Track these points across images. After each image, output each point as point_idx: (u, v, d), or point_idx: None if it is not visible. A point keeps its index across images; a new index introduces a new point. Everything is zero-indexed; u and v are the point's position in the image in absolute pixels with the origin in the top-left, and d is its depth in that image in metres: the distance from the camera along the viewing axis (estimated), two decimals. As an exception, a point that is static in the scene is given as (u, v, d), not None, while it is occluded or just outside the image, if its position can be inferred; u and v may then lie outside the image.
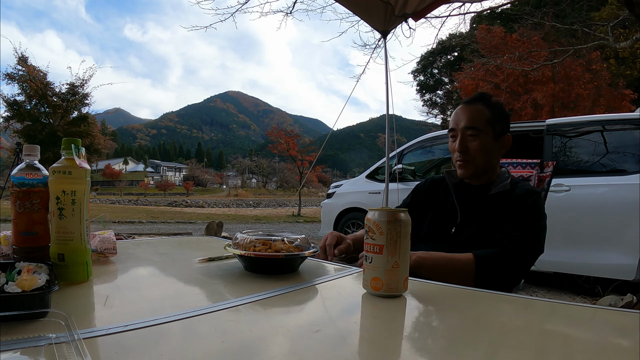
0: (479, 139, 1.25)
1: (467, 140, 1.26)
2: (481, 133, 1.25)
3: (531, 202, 1.20)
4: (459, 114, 1.30)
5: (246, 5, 7.29)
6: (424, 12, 3.20)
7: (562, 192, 3.71)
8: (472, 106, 1.28)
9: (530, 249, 1.14)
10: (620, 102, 11.55)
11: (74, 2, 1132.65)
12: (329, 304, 0.68)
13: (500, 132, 1.28)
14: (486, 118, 1.25)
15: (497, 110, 1.28)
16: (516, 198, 1.22)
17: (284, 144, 20.03)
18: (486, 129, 1.25)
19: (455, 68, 18.22)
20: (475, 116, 1.26)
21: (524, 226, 1.15)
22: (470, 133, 1.25)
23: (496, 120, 1.26)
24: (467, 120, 1.26)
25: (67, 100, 15.01)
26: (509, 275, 1.13)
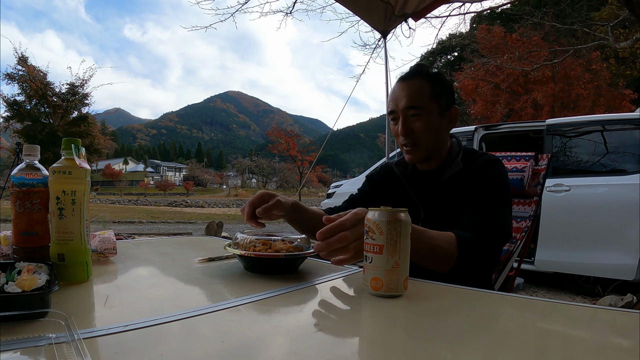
0: (423, 117, 1.11)
1: (410, 122, 1.13)
2: (425, 111, 1.11)
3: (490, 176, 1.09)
4: (397, 92, 1.15)
5: (246, 6, 7.30)
6: (424, 12, 3.20)
7: (562, 192, 3.71)
8: (411, 82, 1.14)
9: (498, 235, 1.02)
10: (620, 102, 11.55)
11: (73, 2, 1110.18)
12: (329, 304, 0.68)
13: (446, 106, 1.15)
14: (428, 93, 1.12)
15: (438, 82, 1.15)
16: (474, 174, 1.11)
17: (284, 144, 20.05)
18: (430, 106, 1.12)
19: (455, 68, 18.21)
20: (416, 93, 1.12)
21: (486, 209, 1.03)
22: (412, 113, 1.12)
23: (439, 94, 1.13)
24: (408, 99, 1.12)
25: (67, 100, 15.03)
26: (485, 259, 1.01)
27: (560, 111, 11.85)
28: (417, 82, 1.13)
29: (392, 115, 1.17)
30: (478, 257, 0.97)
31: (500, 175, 1.11)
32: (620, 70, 13.11)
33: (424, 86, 1.12)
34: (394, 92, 1.16)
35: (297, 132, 27.12)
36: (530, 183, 1.68)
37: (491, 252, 1.02)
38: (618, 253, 3.39)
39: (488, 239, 1.00)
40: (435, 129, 1.13)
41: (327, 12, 27.29)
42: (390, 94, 1.19)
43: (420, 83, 1.13)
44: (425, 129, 1.12)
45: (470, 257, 0.94)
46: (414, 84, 1.13)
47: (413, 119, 1.12)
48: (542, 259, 3.76)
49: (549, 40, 11.85)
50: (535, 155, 1.72)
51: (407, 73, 1.17)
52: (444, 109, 1.14)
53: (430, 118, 1.12)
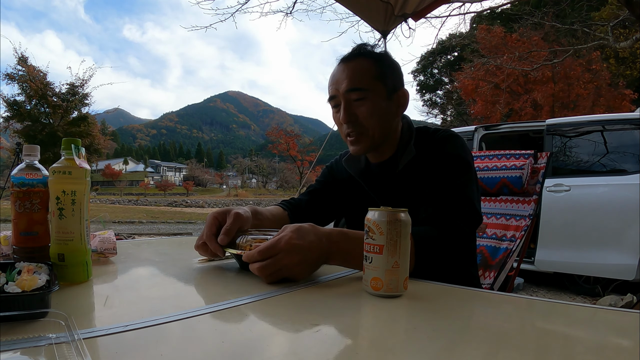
0: (368, 101, 0.99)
1: (353, 107, 1.00)
2: (369, 93, 0.99)
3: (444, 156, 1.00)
4: (337, 75, 1.02)
5: (246, 6, 7.30)
6: (424, 12, 3.20)
7: (562, 192, 3.72)
8: (352, 63, 1.01)
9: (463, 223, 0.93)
10: (620, 102, 11.56)
11: (72, 2, 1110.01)
12: (329, 304, 0.68)
13: (393, 88, 1.03)
14: (372, 74, 1.00)
15: (384, 61, 1.03)
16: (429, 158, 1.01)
17: (284, 144, 20.05)
18: (375, 87, 1.00)
19: (455, 68, 18.23)
20: (358, 74, 1.00)
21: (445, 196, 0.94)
22: (355, 97, 1.00)
23: (384, 75, 1.01)
24: (349, 81, 0.99)
25: (67, 100, 15.03)
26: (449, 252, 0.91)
27: (560, 111, 11.85)
28: (359, 63, 1.01)
29: (333, 102, 1.05)
30: (441, 252, 0.88)
31: (455, 152, 1.00)
32: (620, 70, 13.11)
33: (367, 66, 1.01)
34: (333, 75, 1.04)
35: (297, 132, 27.11)
36: (529, 181, 1.68)
37: (456, 244, 0.92)
38: (618, 253, 3.39)
39: (450, 231, 0.90)
40: (383, 114, 1.01)
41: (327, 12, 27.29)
42: (330, 77, 1.05)
43: (362, 63, 1.01)
44: (371, 114, 1.00)
45: (431, 255, 0.86)
46: (355, 64, 1.01)
47: (356, 103, 1.00)
48: (542, 258, 3.76)
49: (549, 40, 11.85)
50: (534, 154, 1.72)
51: (348, 53, 1.05)
52: (391, 90, 1.02)
53: (375, 101, 1.00)
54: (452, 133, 1.05)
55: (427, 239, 0.86)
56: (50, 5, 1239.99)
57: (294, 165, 21.41)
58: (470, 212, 0.95)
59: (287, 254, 0.73)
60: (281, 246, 0.73)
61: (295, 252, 0.73)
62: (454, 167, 0.99)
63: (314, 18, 8.67)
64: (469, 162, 1.01)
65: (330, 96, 1.05)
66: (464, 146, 1.03)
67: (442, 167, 0.99)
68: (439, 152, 1.01)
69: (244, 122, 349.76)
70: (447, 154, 1.00)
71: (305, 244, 0.74)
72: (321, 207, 1.24)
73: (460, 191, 0.96)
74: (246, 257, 0.76)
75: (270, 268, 0.73)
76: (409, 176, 1.04)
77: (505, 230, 1.64)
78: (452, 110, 21.37)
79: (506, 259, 1.53)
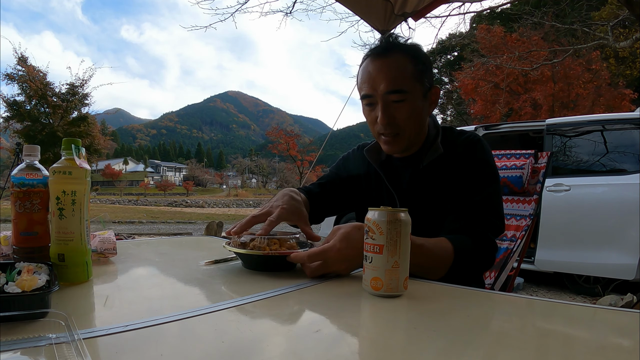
0: (407, 103, 0.95)
1: (392, 109, 0.96)
2: (408, 95, 0.95)
3: (474, 163, 0.99)
4: (373, 73, 0.96)
5: (246, 5, 7.30)
6: (424, 11, 3.20)
7: (562, 191, 3.71)
8: (390, 59, 0.95)
9: (493, 233, 0.96)
10: (620, 101, 11.56)
11: (70, 3, 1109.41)
12: (329, 304, 0.68)
13: (430, 86, 0.99)
14: (411, 73, 0.95)
15: (420, 58, 0.97)
16: (455, 159, 1.00)
17: (284, 143, 20.06)
18: (413, 88, 0.95)
19: (455, 68, 18.22)
20: (398, 74, 0.94)
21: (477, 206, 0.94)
22: (394, 99, 0.95)
23: (422, 73, 0.97)
24: (389, 82, 0.94)
25: (67, 100, 15.02)
26: (481, 262, 0.96)
27: (560, 111, 11.86)
28: (396, 60, 0.95)
29: (367, 100, 1.00)
30: (474, 262, 0.92)
31: (484, 158, 1.00)
32: (620, 70, 13.12)
33: (406, 64, 0.95)
34: (368, 72, 0.97)
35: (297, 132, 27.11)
36: (530, 181, 1.68)
37: (487, 254, 0.96)
38: (618, 253, 3.39)
39: (484, 242, 0.93)
40: (419, 114, 0.99)
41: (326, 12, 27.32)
42: (363, 73, 0.99)
43: (400, 60, 0.95)
44: (409, 116, 0.96)
45: (466, 264, 0.90)
46: (393, 61, 0.95)
47: (395, 105, 0.96)
48: (542, 258, 3.76)
49: (548, 40, 11.85)
50: (534, 153, 1.72)
51: (380, 47, 0.98)
52: (427, 89, 0.99)
53: (414, 102, 0.96)
54: (479, 137, 1.04)
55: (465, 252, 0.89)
56: (48, 7, 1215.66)
57: (294, 165, 21.43)
58: (499, 224, 0.98)
59: (335, 262, 0.78)
60: (331, 255, 0.77)
61: (343, 260, 0.78)
62: (484, 175, 0.99)
63: (313, 18, 8.67)
64: (496, 169, 1.02)
65: (365, 94, 0.99)
66: (490, 152, 1.04)
67: (472, 173, 0.98)
68: (468, 156, 1.00)
69: (244, 122, 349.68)
70: (477, 160, 1.00)
71: (354, 252, 0.77)
72: (333, 198, 1.20)
73: (491, 201, 0.97)
74: (294, 257, 0.79)
75: (319, 272, 0.79)
76: (432, 173, 1.02)
77: (506, 230, 1.64)
78: (452, 109, 21.37)
79: (507, 259, 1.53)
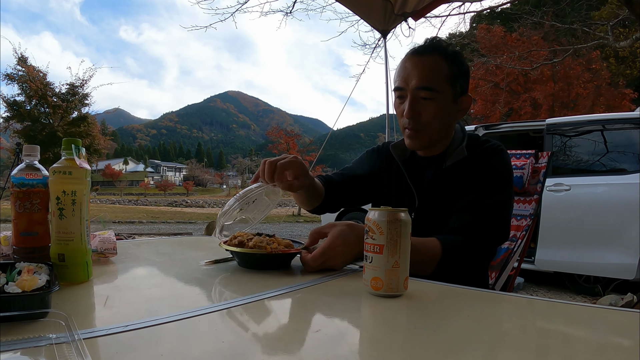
0: (436, 102, 1.00)
1: (419, 104, 1.00)
2: (438, 95, 0.99)
3: (489, 170, 1.02)
4: (409, 68, 1.01)
5: (245, 5, 7.30)
6: (424, 11, 3.20)
7: (562, 191, 3.71)
8: (427, 58, 1.01)
9: (489, 238, 0.99)
10: (620, 101, 11.56)
11: (68, 4, 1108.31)
12: (329, 304, 0.68)
13: (460, 92, 1.03)
14: (444, 74, 1.00)
15: (457, 63, 1.02)
16: (476, 164, 1.03)
17: (284, 143, 20.05)
18: (444, 89, 1.00)
19: (455, 67, 18.18)
20: (432, 73, 0.99)
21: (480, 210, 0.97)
22: (424, 95, 0.99)
23: (456, 77, 1.01)
24: (421, 78, 0.99)
25: (67, 100, 15.01)
26: (472, 263, 0.99)
27: (560, 110, 11.85)
28: (433, 60, 1.00)
29: (398, 92, 1.04)
30: (461, 261, 0.94)
31: (500, 168, 1.03)
32: (620, 70, 13.12)
33: (441, 65, 1.00)
34: (404, 68, 1.02)
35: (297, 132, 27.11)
36: (530, 181, 1.68)
37: (478, 255, 0.98)
38: (618, 252, 3.39)
39: (475, 243, 0.95)
40: (446, 116, 1.03)
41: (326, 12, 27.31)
42: (400, 68, 1.04)
43: (436, 61, 1.00)
44: (435, 115, 1.01)
45: (452, 262, 0.92)
46: (429, 60, 1.00)
47: (424, 102, 1.00)
48: (542, 258, 3.76)
49: (548, 40, 11.84)
50: (535, 153, 1.72)
51: (421, 46, 1.03)
52: (458, 94, 1.03)
53: (442, 103, 1.00)
54: (501, 147, 1.07)
55: (454, 248, 0.93)
56: (47, 7, 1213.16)
57: (294, 165, 21.45)
58: (503, 232, 1.01)
59: (332, 258, 0.85)
60: (330, 254, 0.84)
61: (339, 255, 0.85)
62: (498, 182, 1.02)
63: (313, 18, 8.66)
64: (509, 180, 1.05)
65: (398, 87, 1.04)
66: (509, 163, 1.07)
67: (486, 178, 1.01)
68: (486, 162, 1.03)
69: (244, 122, 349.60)
70: (493, 167, 1.03)
71: (347, 248, 0.85)
72: (351, 189, 1.24)
73: (499, 208, 1.00)
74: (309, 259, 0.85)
75: (320, 267, 0.85)
76: (454, 174, 1.05)
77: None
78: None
79: (508, 259, 1.53)
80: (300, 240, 0.98)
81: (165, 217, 13.89)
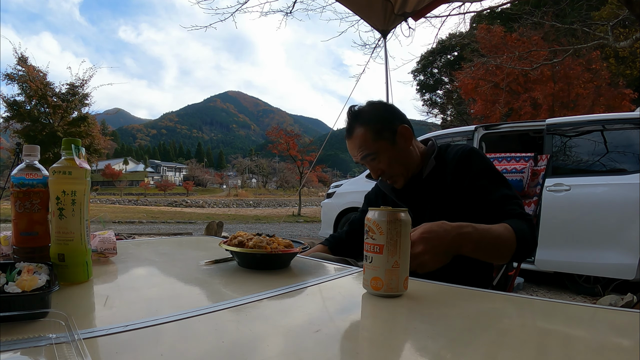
0: (380, 157, 1.17)
1: (373, 166, 1.20)
2: (377, 154, 1.17)
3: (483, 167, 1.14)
4: (350, 150, 1.23)
5: (245, 5, 7.29)
6: (424, 11, 3.20)
7: (562, 191, 3.71)
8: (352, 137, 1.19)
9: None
10: (620, 101, 11.55)
11: (67, 4, 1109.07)
12: (329, 304, 0.68)
13: (393, 133, 1.17)
14: (371, 138, 1.16)
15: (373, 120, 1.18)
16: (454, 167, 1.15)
17: (284, 143, 20.04)
18: (378, 147, 1.16)
19: (455, 67, 18.21)
20: (360, 147, 1.17)
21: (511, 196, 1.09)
22: (370, 159, 1.18)
23: (381, 130, 1.16)
24: (358, 154, 1.19)
25: (67, 100, 15.00)
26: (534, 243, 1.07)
27: (560, 110, 11.85)
28: (357, 135, 1.18)
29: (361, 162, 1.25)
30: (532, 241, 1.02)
31: (485, 165, 1.15)
32: (620, 70, 13.11)
33: (364, 134, 1.16)
34: (349, 149, 1.24)
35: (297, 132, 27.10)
36: (530, 183, 1.68)
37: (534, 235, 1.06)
38: (618, 252, 3.39)
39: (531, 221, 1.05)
40: (397, 157, 1.18)
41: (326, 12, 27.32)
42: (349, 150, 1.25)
43: (359, 133, 1.17)
44: (389, 164, 1.18)
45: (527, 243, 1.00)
46: (355, 138, 1.18)
47: (374, 162, 1.18)
48: (542, 258, 3.76)
49: (548, 40, 11.84)
50: (534, 156, 1.72)
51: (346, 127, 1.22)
52: (391, 137, 1.17)
53: (385, 155, 1.17)
54: (470, 147, 1.18)
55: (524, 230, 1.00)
56: (46, 8, 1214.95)
57: (294, 165, 21.43)
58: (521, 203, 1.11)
59: (415, 245, 0.82)
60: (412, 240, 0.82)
61: (422, 242, 0.83)
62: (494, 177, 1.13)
63: (313, 18, 8.65)
64: (491, 163, 1.16)
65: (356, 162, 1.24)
66: (481, 152, 1.19)
67: (482, 179, 1.12)
68: (467, 167, 1.14)
69: (244, 122, 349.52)
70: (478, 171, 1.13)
71: (432, 236, 0.85)
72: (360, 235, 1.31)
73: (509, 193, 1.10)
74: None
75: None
76: (432, 181, 1.18)
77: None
78: (452, 109, 21.36)
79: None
80: (300, 240, 0.98)
81: (165, 217, 13.89)
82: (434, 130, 7.30)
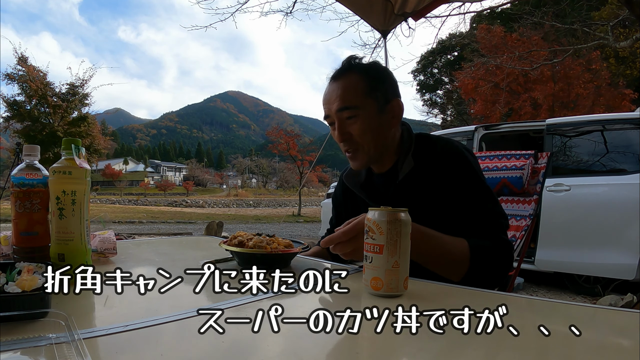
0: (360, 118, 0.99)
1: (346, 125, 1.00)
2: (360, 111, 0.98)
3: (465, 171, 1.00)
4: (329, 94, 1.02)
5: (245, 5, 7.30)
6: (424, 11, 3.20)
7: (562, 191, 3.71)
8: (341, 79, 1.01)
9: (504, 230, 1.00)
10: (620, 101, 11.55)
11: (67, 4, 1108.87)
12: (329, 304, 0.68)
13: (385, 100, 1.01)
14: (362, 89, 0.99)
15: (374, 74, 1.02)
16: (437, 169, 1.00)
17: (284, 143, 20.05)
18: (366, 104, 0.99)
19: (455, 67, 18.21)
20: (348, 92, 0.99)
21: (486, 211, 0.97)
22: (347, 115, 0.99)
23: (376, 88, 1.00)
24: (340, 100, 0.99)
25: (67, 100, 15.00)
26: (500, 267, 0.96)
27: (560, 110, 11.84)
28: (349, 79, 1.00)
29: (328, 120, 1.05)
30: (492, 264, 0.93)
31: (470, 169, 1.01)
32: (620, 70, 13.10)
33: (358, 82, 0.99)
34: (326, 94, 1.04)
35: (297, 132, 27.11)
36: (530, 181, 1.68)
37: (506, 254, 0.97)
38: (618, 252, 3.39)
39: (501, 243, 0.95)
40: (376, 129, 1.01)
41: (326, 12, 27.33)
42: (323, 96, 1.05)
43: (352, 79, 1.00)
44: (364, 131, 1.00)
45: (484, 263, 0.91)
46: (344, 81, 1.00)
47: (349, 121, 1.00)
48: (542, 258, 3.76)
49: (548, 40, 11.84)
50: (534, 154, 1.72)
51: (338, 69, 1.04)
52: (383, 103, 1.01)
53: (367, 117, 0.99)
54: (457, 147, 1.04)
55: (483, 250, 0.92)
56: (46, 8, 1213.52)
57: (294, 165, 21.46)
58: (505, 223, 1.01)
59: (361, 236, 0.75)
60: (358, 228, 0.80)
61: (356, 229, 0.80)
62: (476, 183, 1.00)
63: (313, 18, 8.66)
64: (481, 170, 1.04)
65: (325, 115, 1.05)
66: (468, 157, 1.02)
67: (464, 186, 0.99)
68: (453, 170, 1.00)
69: (244, 122, 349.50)
70: (464, 174, 1.00)
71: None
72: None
73: (493, 204, 1.00)
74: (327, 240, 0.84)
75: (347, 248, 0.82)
76: (410, 186, 1.03)
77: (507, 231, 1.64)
78: (452, 109, 21.37)
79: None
80: (300, 240, 0.98)
81: (165, 217, 13.89)
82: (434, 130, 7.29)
